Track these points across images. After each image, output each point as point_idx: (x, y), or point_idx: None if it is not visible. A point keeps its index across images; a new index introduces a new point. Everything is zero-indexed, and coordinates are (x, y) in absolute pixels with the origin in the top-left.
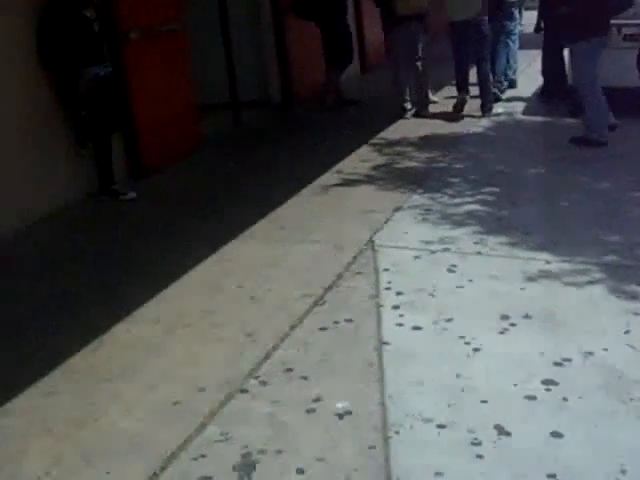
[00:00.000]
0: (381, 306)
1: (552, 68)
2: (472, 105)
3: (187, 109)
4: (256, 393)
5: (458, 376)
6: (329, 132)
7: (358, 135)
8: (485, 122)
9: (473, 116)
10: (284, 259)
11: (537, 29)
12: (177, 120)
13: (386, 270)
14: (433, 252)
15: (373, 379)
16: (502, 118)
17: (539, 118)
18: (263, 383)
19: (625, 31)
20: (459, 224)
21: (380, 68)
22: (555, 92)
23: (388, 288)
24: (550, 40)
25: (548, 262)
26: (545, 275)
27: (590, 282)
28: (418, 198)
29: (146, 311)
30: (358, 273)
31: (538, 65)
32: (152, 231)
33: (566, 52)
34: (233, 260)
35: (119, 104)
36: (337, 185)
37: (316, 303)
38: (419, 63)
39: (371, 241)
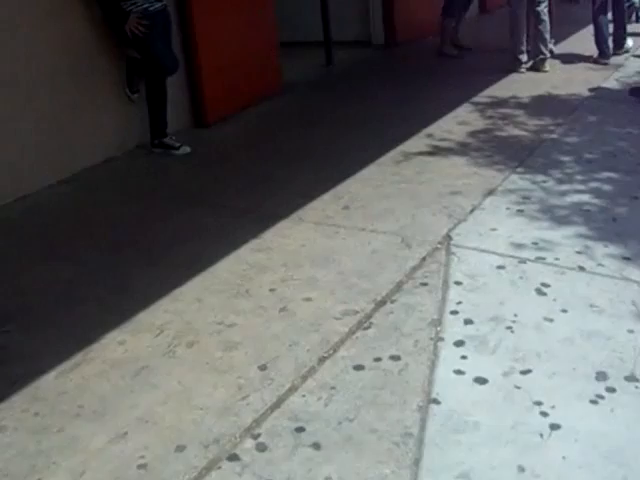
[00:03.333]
0: (441, 339)
1: None
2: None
3: (266, 49)
4: (248, 463)
5: (521, 470)
6: (427, 83)
7: (461, 89)
8: (615, 79)
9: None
10: (336, 253)
11: None
12: (253, 61)
13: (458, 284)
14: (523, 262)
15: (406, 461)
16: (636, 78)
17: None
18: (261, 447)
19: None
20: (562, 222)
21: (501, 9)
22: None
23: (455, 312)
24: None
25: None
26: None
27: None
28: (517, 179)
29: (152, 314)
30: (422, 284)
31: None
32: (188, 200)
33: None
34: (274, 249)
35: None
36: (423, 153)
37: (360, 325)
38: (540, 8)
39: (448, 237)
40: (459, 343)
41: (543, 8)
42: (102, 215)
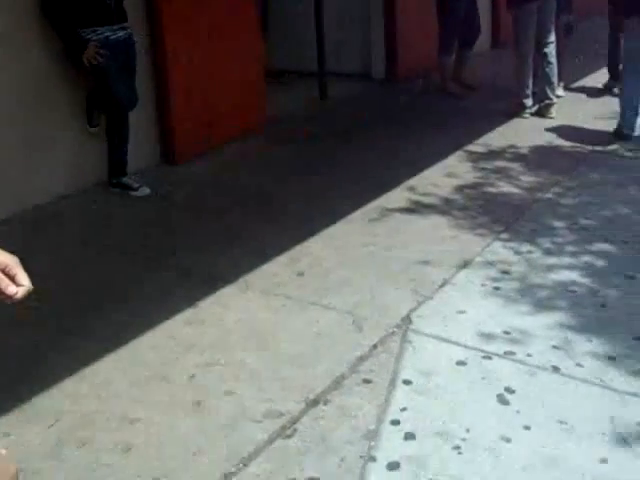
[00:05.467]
0: (372, 459)
1: None
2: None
3: (249, 81)
4: None
5: None
6: (421, 126)
7: (455, 135)
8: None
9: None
10: (275, 333)
11: None
12: (232, 94)
13: (407, 383)
14: (488, 357)
15: None
16: None
17: None
18: None
19: None
20: (542, 305)
21: None
22: None
23: (397, 422)
24: None
25: None
26: None
27: None
28: (499, 248)
29: (52, 397)
30: (365, 381)
31: None
32: (130, 253)
33: None
34: (208, 322)
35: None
36: (401, 210)
37: (282, 432)
38: (548, 49)
39: (407, 319)
40: (393, 466)
41: (552, 49)
42: (28, 262)
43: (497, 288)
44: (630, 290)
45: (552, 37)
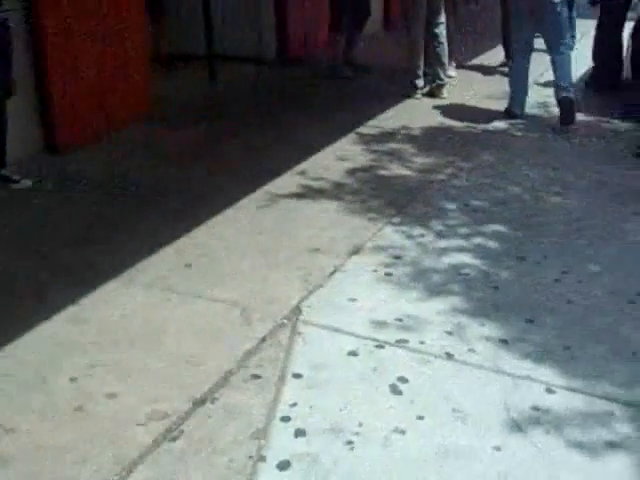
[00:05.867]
0: (262, 459)
1: (606, 50)
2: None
3: (133, 66)
4: None
5: None
6: (312, 108)
7: (348, 117)
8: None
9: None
10: (161, 329)
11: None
12: (114, 80)
13: (297, 377)
14: (381, 346)
15: None
16: (536, 111)
17: (581, 117)
18: None
19: None
20: (435, 290)
21: None
22: (607, 82)
23: (287, 418)
24: (607, 14)
25: (550, 390)
26: (538, 421)
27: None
28: (391, 232)
29: None
30: (254, 377)
31: (591, 40)
32: (10, 247)
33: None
34: (92, 321)
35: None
36: (291, 195)
37: (168, 434)
38: (438, 30)
39: (297, 310)
40: (284, 465)
41: (442, 30)
42: None
43: (389, 274)
44: (521, 271)
45: (442, 17)
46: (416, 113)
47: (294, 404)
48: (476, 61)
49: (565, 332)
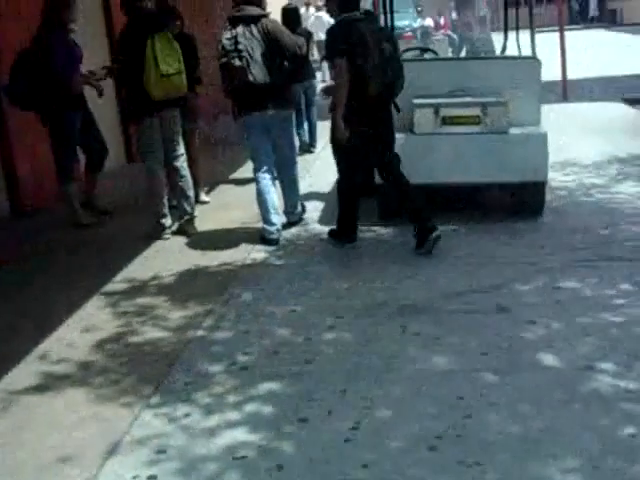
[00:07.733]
0: None
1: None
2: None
3: None
4: None
5: None
6: (52, 269)
7: (92, 274)
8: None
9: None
10: None
11: None
12: None
13: None
14: None
15: None
16: (295, 230)
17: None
18: None
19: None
20: None
21: None
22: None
23: None
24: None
25: None
26: None
27: None
28: (151, 418)
29: None
30: None
31: None
32: None
33: None
34: None
35: None
36: (29, 391)
37: None
38: (179, 163)
39: None
40: None
41: (182, 162)
42: None
43: (153, 478)
44: (306, 438)
45: (180, 149)
46: (167, 256)
47: None
48: (233, 175)
49: None
